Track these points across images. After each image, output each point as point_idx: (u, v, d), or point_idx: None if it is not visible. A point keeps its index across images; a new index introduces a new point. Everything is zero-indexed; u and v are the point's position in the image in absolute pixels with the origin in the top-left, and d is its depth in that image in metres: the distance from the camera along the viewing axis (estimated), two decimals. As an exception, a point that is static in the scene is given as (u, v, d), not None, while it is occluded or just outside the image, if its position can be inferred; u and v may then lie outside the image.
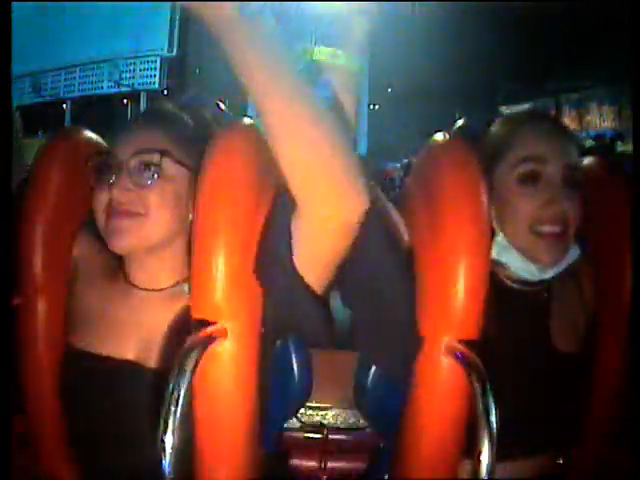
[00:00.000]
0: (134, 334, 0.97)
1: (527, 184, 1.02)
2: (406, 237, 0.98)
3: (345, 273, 0.89)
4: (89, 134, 1.11)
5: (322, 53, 0.84)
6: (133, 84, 10.03)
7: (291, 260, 0.83)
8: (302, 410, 1.23)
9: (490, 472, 0.73)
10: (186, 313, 0.93)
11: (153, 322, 0.97)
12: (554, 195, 1.01)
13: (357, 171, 0.75)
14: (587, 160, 1.12)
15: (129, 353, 0.96)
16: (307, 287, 0.84)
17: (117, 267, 1.02)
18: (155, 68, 9.99)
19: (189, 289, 0.85)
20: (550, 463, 1.11)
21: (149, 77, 10.03)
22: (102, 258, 1.05)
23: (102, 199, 0.96)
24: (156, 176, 0.95)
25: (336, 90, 0.83)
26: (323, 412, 1.28)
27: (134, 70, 10.12)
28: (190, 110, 1.04)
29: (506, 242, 1.04)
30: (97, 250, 1.06)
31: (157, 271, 0.99)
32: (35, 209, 1.02)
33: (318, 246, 0.83)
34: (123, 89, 10.16)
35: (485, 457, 0.73)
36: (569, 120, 10.28)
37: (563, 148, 1.04)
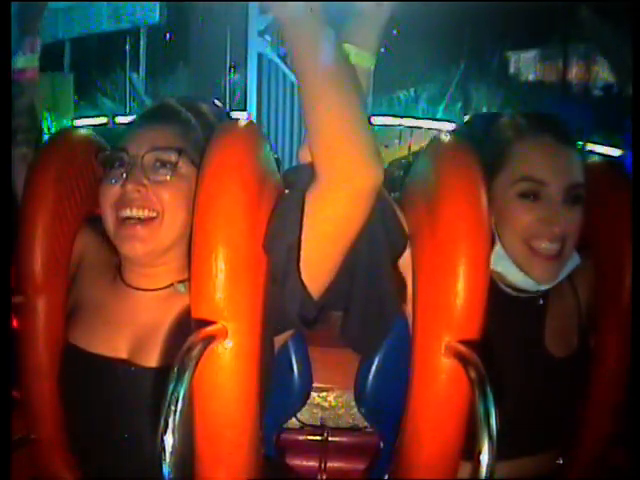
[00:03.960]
0: (128, 332, 0.97)
1: (526, 199, 1.01)
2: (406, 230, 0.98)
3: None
4: (88, 133, 1.10)
5: None
6: (133, 19, 9.55)
7: (296, 239, 0.84)
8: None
9: (490, 472, 0.73)
10: (181, 312, 0.93)
11: (147, 321, 0.97)
12: (554, 214, 1.00)
13: (375, 148, 0.82)
14: (588, 161, 1.12)
15: (123, 351, 0.96)
16: (297, 268, 0.85)
17: (116, 266, 1.02)
18: (155, 3, 9.55)
19: (184, 288, 0.84)
20: (549, 462, 1.11)
21: (149, 11, 9.54)
22: (102, 255, 1.05)
23: (112, 193, 0.94)
24: (172, 174, 0.94)
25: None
26: (324, 393, 1.26)
27: (133, 6, 9.64)
28: (196, 109, 1.04)
29: (504, 253, 1.03)
30: (98, 247, 1.06)
31: (154, 274, 0.98)
32: (35, 209, 1.02)
33: (330, 213, 0.83)
34: (122, 25, 9.65)
35: (485, 457, 0.73)
36: (577, 70, 9.87)
37: (565, 168, 1.01)
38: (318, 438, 1.20)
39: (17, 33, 1.22)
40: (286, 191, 0.91)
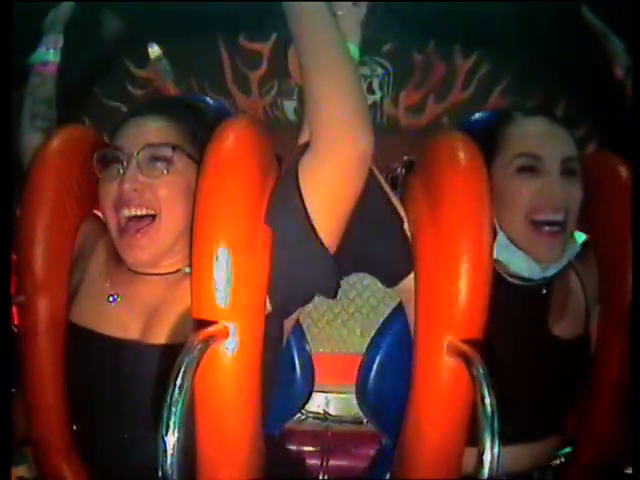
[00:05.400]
0: (138, 313, 0.97)
1: (525, 172, 1.02)
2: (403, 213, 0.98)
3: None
4: (89, 130, 1.10)
5: None
6: None
7: (301, 206, 0.84)
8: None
9: (493, 471, 0.73)
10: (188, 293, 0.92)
11: (157, 302, 0.97)
12: (553, 185, 1.01)
13: (368, 118, 0.84)
14: (589, 153, 1.12)
15: (134, 331, 0.96)
16: (315, 234, 0.85)
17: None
18: None
19: (190, 271, 0.84)
20: (552, 449, 1.12)
21: None
22: (105, 242, 1.05)
23: (110, 192, 0.95)
24: (167, 169, 0.94)
25: None
26: None
27: None
28: (194, 104, 1.04)
29: (507, 241, 1.03)
30: (99, 235, 1.06)
31: (159, 267, 0.98)
32: (35, 206, 1.01)
33: (325, 181, 0.83)
34: None
35: (487, 456, 0.73)
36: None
37: (557, 142, 1.04)
38: (319, 449, 1.20)
39: (43, 30, 1.32)
40: None
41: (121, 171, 0.94)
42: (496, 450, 0.73)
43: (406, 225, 0.97)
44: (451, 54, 2.17)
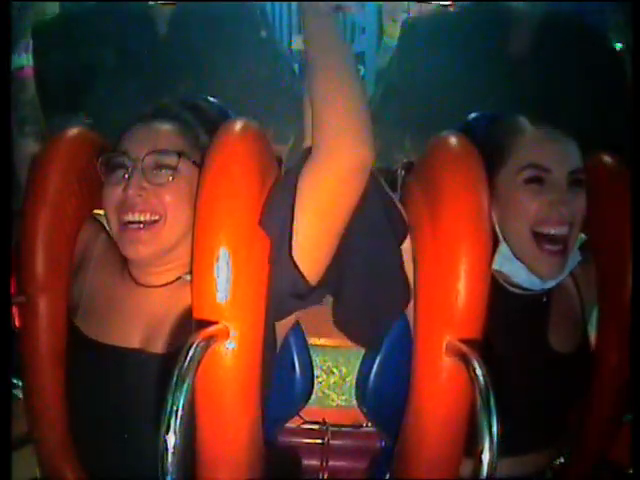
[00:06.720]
0: (140, 323, 0.97)
1: (533, 184, 1.01)
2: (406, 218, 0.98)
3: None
4: (91, 133, 1.10)
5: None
6: None
7: (291, 210, 0.85)
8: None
9: (491, 471, 0.73)
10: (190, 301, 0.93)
11: (158, 312, 0.97)
12: (560, 197, 1.00)
13: (368, 129, 0.85)
14: (589, 157, 1.12)
15: (135, 341, 0.96)
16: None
17: (122, 262, 1.02)
18: None
19: (191, 279, 0.84)
20: (550, 459, 1.12)
21: None
22: (108, 250, 1.05)
23: (114, 197, 0.95)
24: (172, 177, 0.94)
25: None
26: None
27: None
28: (194, 107, 1.04)
29: (509, 252, 1.03)
30: (102, 242, 1.06)
31: (160, 272, 0.98)
32: (36, 208, 1.01)
33: (319, 189, 0.84)
34: None
35: (486, 456, 0.73)
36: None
37: (565, 154, 1.02)
38: (319, 441, 1.20)
39: (14, 38, 1.32)
40: None
41: (126, 176, 0.94)
42: (495, 449, 0.73)
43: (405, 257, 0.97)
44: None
